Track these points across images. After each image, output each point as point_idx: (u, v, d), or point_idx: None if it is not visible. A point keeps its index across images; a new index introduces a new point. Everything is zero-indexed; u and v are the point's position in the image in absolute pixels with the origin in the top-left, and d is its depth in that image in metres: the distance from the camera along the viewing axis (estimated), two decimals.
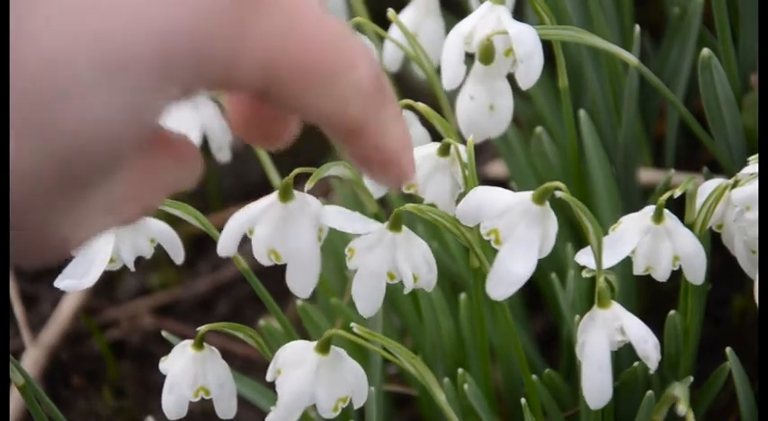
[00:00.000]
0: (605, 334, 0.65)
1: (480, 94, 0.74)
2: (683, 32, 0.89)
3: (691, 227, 0.70)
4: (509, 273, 0.64)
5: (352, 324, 0.68)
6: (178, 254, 0.72)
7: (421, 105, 0.72)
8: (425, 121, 0.73)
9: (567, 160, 0.87)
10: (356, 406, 0.67)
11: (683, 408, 0.63)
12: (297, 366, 0.67)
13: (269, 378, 0.68)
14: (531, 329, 0.92)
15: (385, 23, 0.80)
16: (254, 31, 0.45)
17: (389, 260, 0.67)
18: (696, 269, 0.69)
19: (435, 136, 0.73)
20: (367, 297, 0.68)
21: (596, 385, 0.65)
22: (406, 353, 0.69)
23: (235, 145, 0.89)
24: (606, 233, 0.69)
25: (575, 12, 0.88)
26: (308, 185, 0.67)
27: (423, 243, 0.67)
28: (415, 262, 0.67)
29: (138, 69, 0.42)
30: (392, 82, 0.86)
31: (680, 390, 0.63)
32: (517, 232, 0.64)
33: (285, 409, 0.67)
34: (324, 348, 0.67)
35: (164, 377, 0.71)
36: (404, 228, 0.67)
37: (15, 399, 0.97)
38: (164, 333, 0.83)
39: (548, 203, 0.65)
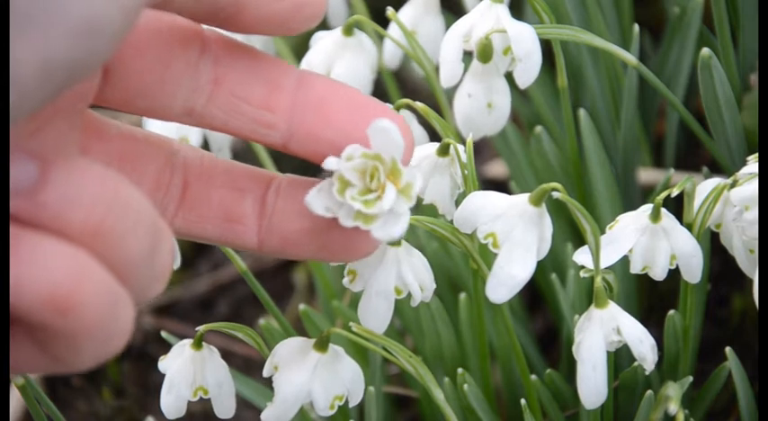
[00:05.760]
0: (601, 334, 0.65)
1: (478, 92, 0.74)
2: (682, 32, 0.89)
3: (689, 226, 0.70)
4: (508, 277, 0.64)
5: (351, 323, 0.68)
6: (174, 259, 0.72)
7: (419, 104, 0.71)
8: (424, 121, 0.73)
9: (566, 160, 0.86)
10: (351, 404, 0.67)
11: (673, 408, 0.62)
12: (294, 363, 0.67)
13: (265, 374, 0.67)
14: (531, 329, 0.92)
15: (384, 21, 0.80)
16: None
17: (395, 276, 0.66)
18: (693, 268, 0.69)
19: (434, 136, 0.73)
20: (378, 317, 0.67)
21: (591, 385, 0.65)
22: (405, 353, 0.69)
23: (234, 145, 0.89)
24: (605, 233, 0.69)
25: (574, 11, 0.88)
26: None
27: (418, 253, 0.67)
28: (418, 273, 0.67)
29: None
30: (391, 80, 0.86)
31: (673, 390, 0.63)
32: (515, 235, 0.64)
33: (282, 405, 0.66)
34: (322, 346, 0.67)
35: (164, 377, 0.70)
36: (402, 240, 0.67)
37: (15, 399, 0.97)
38: (163, 333, 0.83)
39: (544, 204, 0.64)
